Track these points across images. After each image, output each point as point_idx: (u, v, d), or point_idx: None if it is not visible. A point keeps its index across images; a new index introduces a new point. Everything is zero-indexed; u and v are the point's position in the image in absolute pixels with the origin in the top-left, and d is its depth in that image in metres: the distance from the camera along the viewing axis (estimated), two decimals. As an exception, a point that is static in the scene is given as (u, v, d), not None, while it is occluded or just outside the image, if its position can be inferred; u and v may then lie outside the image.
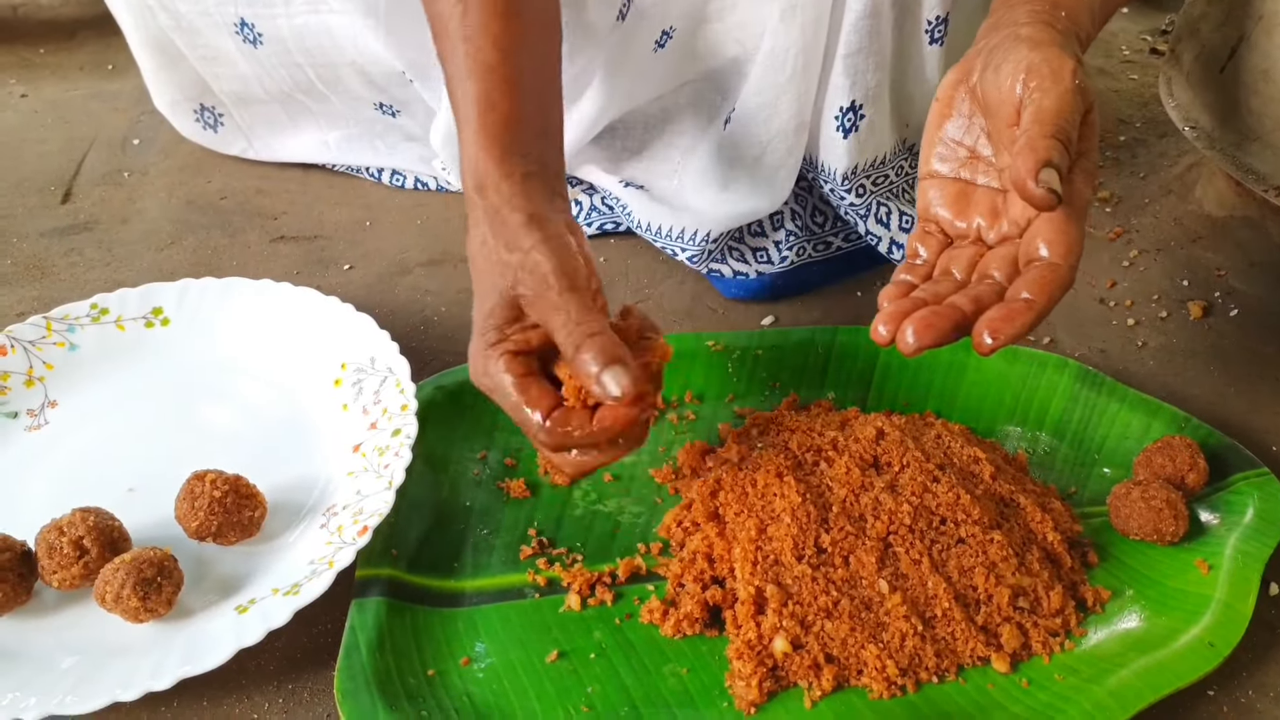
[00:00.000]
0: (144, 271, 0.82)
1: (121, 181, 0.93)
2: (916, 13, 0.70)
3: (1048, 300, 0.48)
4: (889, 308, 0.50)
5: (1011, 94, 0.51)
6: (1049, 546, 0.58)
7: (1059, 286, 0.49)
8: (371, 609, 0.54)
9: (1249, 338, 0.77)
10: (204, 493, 0.57)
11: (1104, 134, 1.02)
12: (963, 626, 0.54)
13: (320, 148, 0.92)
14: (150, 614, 0.54)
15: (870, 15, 0.69)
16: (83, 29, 1.16)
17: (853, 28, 0.69)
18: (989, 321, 0.47)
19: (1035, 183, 0.47)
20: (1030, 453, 0.66)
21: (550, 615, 0.56)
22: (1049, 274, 0.49)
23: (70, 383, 0.69)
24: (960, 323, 0.48)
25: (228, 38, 0.83)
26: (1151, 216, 0.90)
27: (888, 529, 0.56)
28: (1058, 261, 0.49)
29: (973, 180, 0.56)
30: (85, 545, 0.55)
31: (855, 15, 0.69)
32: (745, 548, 0.56)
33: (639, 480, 0.64)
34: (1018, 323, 0.47)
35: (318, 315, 0.71)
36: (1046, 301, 0.48)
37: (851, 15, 0.69)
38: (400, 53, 0.81)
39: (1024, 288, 0.48)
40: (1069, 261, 0.49)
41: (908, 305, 0.50)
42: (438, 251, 0.85)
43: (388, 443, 0.61)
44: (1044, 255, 0.50)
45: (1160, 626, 0.55)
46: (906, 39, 0.72)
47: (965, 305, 0.49)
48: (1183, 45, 0.84)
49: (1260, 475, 0.62)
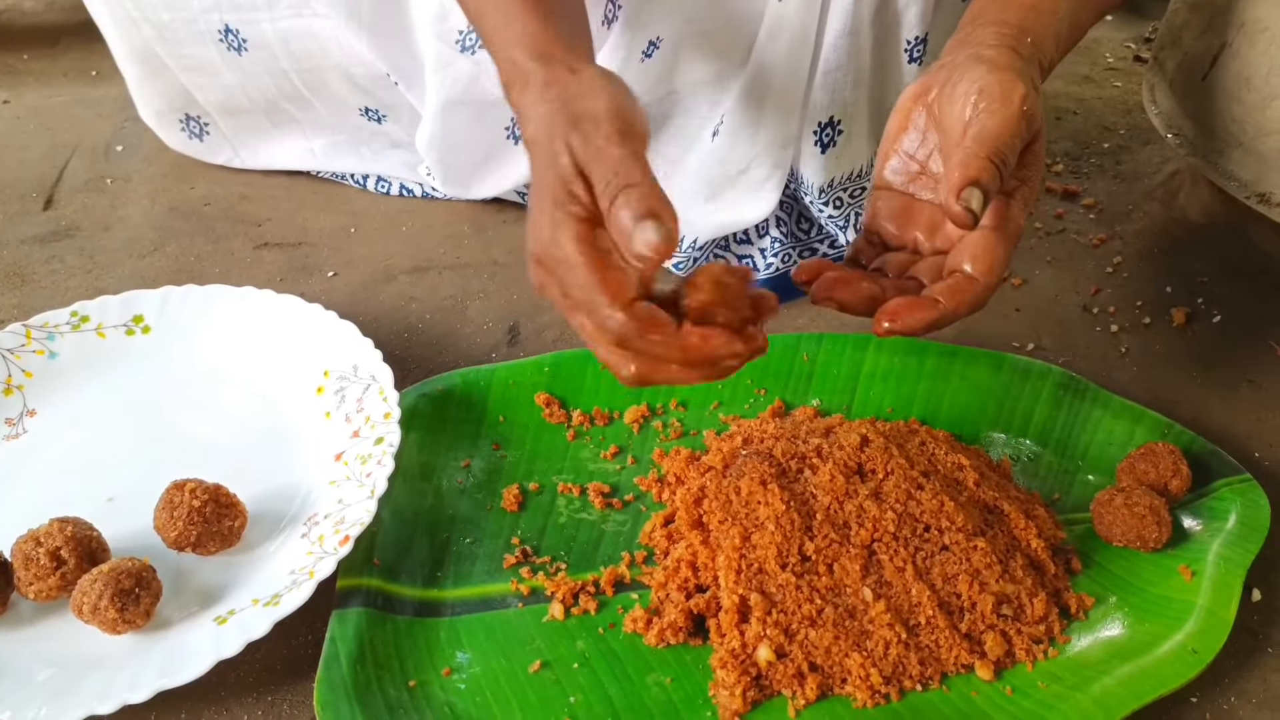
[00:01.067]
0: (126, 279, 0.81)
1: (104, 188, 0.92)
2: (896, 32, 0.71)
3: (955, 306, 0.50)
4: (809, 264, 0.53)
5: (963, 113, 0.52)
6: (1033, 553, 0.58)
7: (970, 298, 0.51)
8: (352, 619, 0.54)
9: (1231, 344, 0.77)
10: (183, 502, 0.56)
11: (1088, 140, 1.02)
12: (947, 634, 0.54)
13: (305, 155, 0.92)
14: (128, 625, 0.53)
15: (850, 34, 0.69)
16: (66, 35, 1.16)
17: (832, 46, 0.70)
18: (892, 306, 0.50)
19: (957, 200, 0.49)
20: (1014, 459, 0.66)
21: (533, 625, 0.56)
22: (964, 284, 0.51)
23: (49, 391, 0.68)
24: (871, 297, 0.51)
25: (211, 46, 0.83)
26: (1135, 223, 0.90)
27: (872, 536, 0.56)
28: (976, 276, 0.51)
29: (918, 195, 0.57)
30: (62, 556, 0.55)
31: (835, 34, 0.69)
32: (729, 556, 0.56)
33: (623, 488, 0.64)
34: (918, 317, 0.50)
35: (300, 323, 0.70)
36: (954, 308, 0.50)
37: (831, 34, 0.69)
38: (385, 55, 0.81)
39: (937, 290, 0.51)
40: (987, 280, 0.51)
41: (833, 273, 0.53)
42: (422, 259, 0.85)
43: (370, 451, 0.61)
44: (966, 269, 0.51)
45: (1143, 633, 0.55)
46: (886, 57, 0.72)
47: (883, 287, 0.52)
48: (1165, 53, 0.85)
49: (1243, 481, 0.62)
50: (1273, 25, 0.73)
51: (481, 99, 0.80)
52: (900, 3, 0.70)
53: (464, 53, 0.78)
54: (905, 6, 0.70)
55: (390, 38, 0.80)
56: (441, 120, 0.81)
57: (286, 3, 0.80)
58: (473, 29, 0.77)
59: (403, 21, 0.80)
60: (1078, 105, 1.08)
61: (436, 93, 0.80)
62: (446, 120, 0.81)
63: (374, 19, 0.79)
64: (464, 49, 0.78)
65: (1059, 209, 0.92)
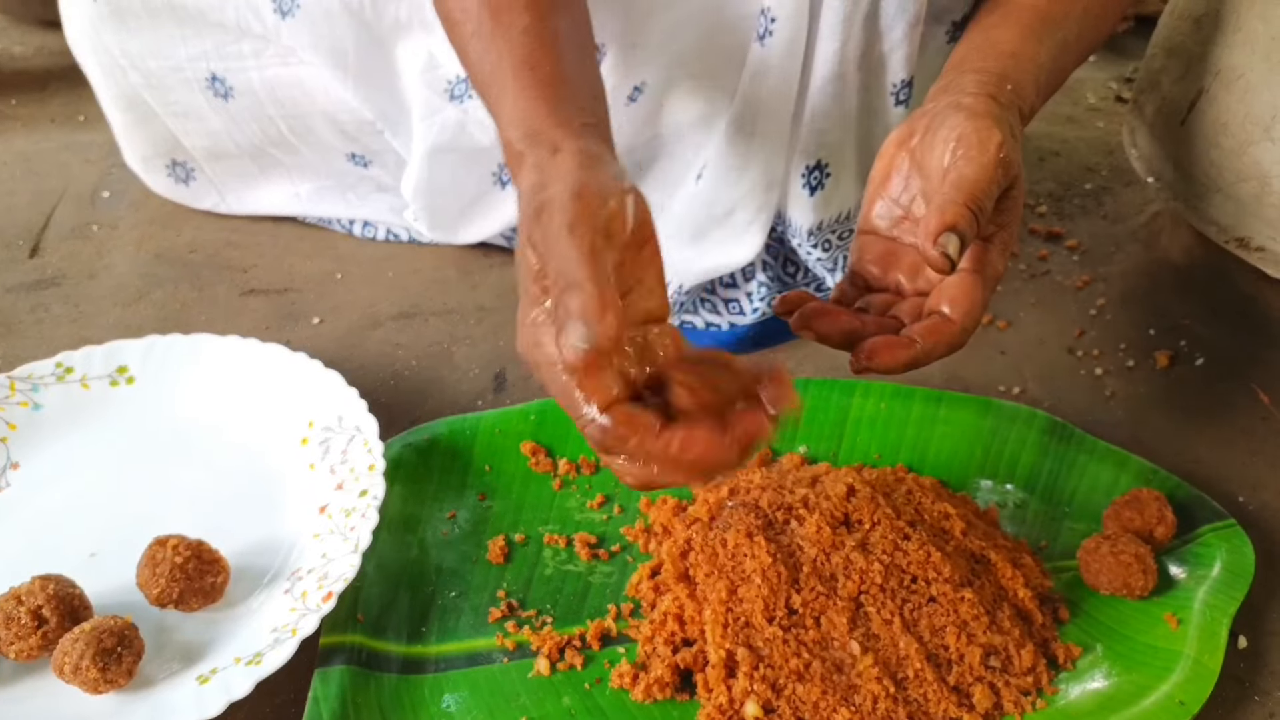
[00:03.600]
0: (111, 328, 0.81)
1: (90, 235, 0.92)
2: (881, 76, 0.72)
3: (931, 347, 0.51)
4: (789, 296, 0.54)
5: (941, 159, 0.53)
6: (1020, 603, 0.58)
7: (947, 339, 0.51)
8: (335, 678, 0.53)
9: (1214, 387, 0.78)
10: (165, 559, 0.56)
11: (1070, 181, 1.03)
12: (935, 687, 0.53)
13: (292, 199, 0.92)
14: (110, 685, 0.53)
15: (835, 78, 0.70)
16: (54, 80, 1.16)
17: (818, 90, 0.70)
18: (870, 344, 0.51)
19: (934, 245, 0.50)
20: (1001, 506, 0.66)
21: (519, 680, 0.56)
22: (941, 326, 0.52)
23: (33, 444, 0.68)
24: (849, 331, 0.52)
25: (199, 93, 0.83)
26: (1118, 265, 0.91)
27: (859, 588, 0.56)
28: (954, 318, 0.52)
29: (902, 239, 0.58)
30: (44, 615, 0.54)
31: (820, 78, 0.70)
32: (716, 610, 0.55)
33: (610, 538, 0.64)
34: (895, 355, 0.50)
35: (285, 372, 0.70)
36: (930, 348, 0.51)
37: (817, 78, 0.70)
38: (370, 102, 0.81)
39: (915, 331, 0.51)
40: (964, 323, 0.52)
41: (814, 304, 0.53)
42: (408, 304, 0.85)
43: (354, 504, 0.61)
44: (944, 311, 0.52)
45: (1130, 683, 0.55)
46: (872, 100, 0.73)
47: (863, 323, 0.52)
48: (1145, 96, 0.86)
49: (1227, 527, 0.62)
50: (1248, 73, 0.74)
51: (468, 146, 0.80)
52: (885, 46, 0.71)
53: (452, 101, 0.79)
54: (890, 50, 0.71)
55: (376, 85, 0.80)
56: (428, 166, 0.81)
57: (272, 51, 0.80)
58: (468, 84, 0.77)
59: (389, 69, 0.80)
60: (1060, 146, 1.09)
61: (423, 139, 0.80)
62: (433, 166, 0.81)
63: (360, 67, 0.79)
64: (452, 97, 0.78)
65: (1042, 250, 0.92)
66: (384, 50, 0.80)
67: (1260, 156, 0.73)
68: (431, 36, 0.78)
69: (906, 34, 0.69)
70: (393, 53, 0.80)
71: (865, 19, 0.68)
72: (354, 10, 0.77)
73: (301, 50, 0.79)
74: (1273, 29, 0.72)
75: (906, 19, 0.69)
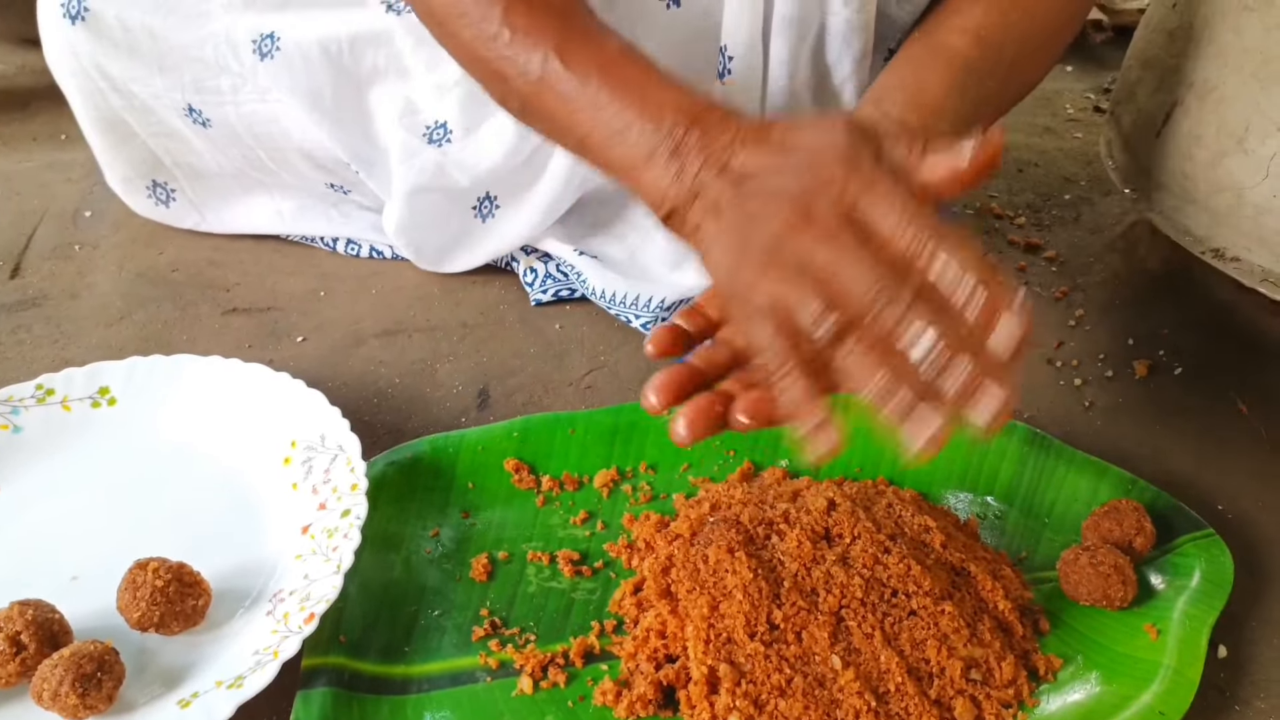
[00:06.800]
0: (92, 349, 0.81)
1: (72, 255, 0.92)
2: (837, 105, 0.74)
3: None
4: (662, 377, 0.50)
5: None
6: (1000, 615, 0.58)
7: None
8: (317, 701, 0.53)
9: (1193, 396, 0.78)
10: (146, 582, 0.56)
11: (1049, 192, 1.04)
12: (916, 701, 0.54)
13: (274, 218, 0.92)
14: (90, 711, 0.52)
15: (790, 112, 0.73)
16: (36, 99, 1.16)
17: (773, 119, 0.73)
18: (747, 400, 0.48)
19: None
20: (981, 517, 0.66)
21: (502, 699, 0.56)
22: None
23: (13, 466, 0.67)
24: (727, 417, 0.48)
25: (178, 119, 0.84)
26: (1096, 275, 0.91)
27: (840, 603, 0.56)
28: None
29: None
30: (22, 641, 0.54)
31: (773, 111, 0.73)
32: (698, 626, 0.55)
33: (593, 554, 0.64)
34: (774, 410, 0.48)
35: (267, 392, 0.70)
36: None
37: (770, 111, 0.73)
38: (345, 144, 0.82)
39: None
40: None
41: (682, 377, 0.50)
42: (392, 321, 0.85)
43: (337, 524, 0.61)
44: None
45: (1111, 694, 0.55)
46: None
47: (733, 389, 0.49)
48: (1121, 108, 0.87)
49: (1206, 536, 0.63)
50: (1221, 85, 0.74)
51: (448, 186, 0.81)
52: (836, 80, 0.73)
53: (431, 144, 0.80)
54: (841, 84, 0.73)
55: (351, 128, 0.81)
56: (408, 205, 0.82)
57: (249, 88, 0.81)
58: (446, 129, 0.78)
59: (364, 113, 0.82)
60: (1039, 157, 1.10)
61: (403, 180, 0.81)
62: (413, 205, 0.82)
63: (336, 110, 0.80)
64: (430, 141, 0.80)
65: (1021, 261, 0.93)
66: (360, 95, 0.81)
67: (1234, 168, 0.74)
68: (408, 83, 0.80)
69: (854, 69, 0.71)
70: (368, 98, 0.81)
71: (812, 54, 0.70)
72: (332, 56, 0.78)
73: (278, 90, 0.80)
74: (1245, 41, 0.73)
75: (852, 54, 0.71)
